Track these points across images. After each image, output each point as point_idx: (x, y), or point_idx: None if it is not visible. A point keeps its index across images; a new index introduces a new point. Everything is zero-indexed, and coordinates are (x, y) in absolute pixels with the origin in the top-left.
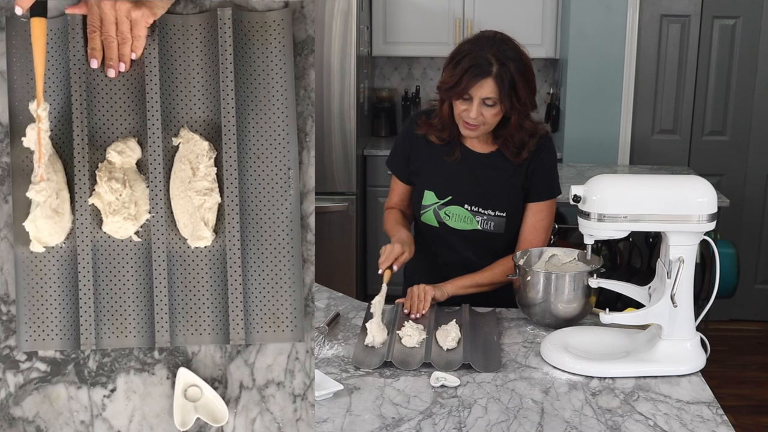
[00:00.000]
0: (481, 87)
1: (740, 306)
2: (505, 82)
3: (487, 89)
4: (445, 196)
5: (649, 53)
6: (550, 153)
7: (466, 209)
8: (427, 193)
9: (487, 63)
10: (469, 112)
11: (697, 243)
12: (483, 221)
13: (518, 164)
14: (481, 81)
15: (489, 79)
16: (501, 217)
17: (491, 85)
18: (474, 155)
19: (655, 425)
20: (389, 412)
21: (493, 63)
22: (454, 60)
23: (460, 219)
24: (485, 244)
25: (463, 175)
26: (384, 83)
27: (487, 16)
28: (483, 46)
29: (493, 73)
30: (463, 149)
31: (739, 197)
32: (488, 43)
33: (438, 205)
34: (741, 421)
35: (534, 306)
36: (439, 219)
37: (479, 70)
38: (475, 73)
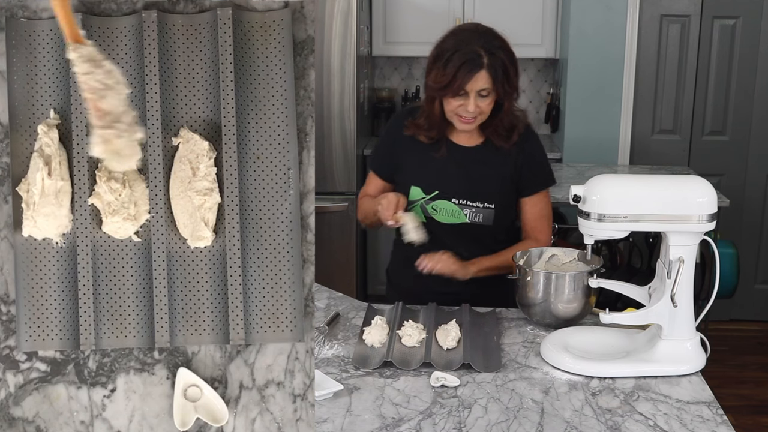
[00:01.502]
0: (475, 81)
1: (740, 306)
2: (498, 71)
3: (481, 81)
4: (432, 191)
5: (649, 53)
6: (535, 143)
7: (454, 203)
8: (413, 189)
9: (477, 56)
10: (465, 107)
11: (697, 243)
12: (471, 214)
13: (507, 152)
14: (475, 75)
15: (482, 72)
16: (489, 209)
17: (485, 77)
18: (460, 149)
19: (655, 425)
20: (389, 412)
21: (483, 55)
22: (442, 59)
23: (447, 213)
24: (474, 237)
25: (450, 169)
26: (384, 83)
27: (487, 16)
28: (469, 41)
29: (485, 64)
30: (449, 144)
31: (739, 197)
32: (473, 37)
33: (425, 200)
34: (741, 421)
35: (534, 306)
36: (426, 214)
37: (472, 65)
38: (469, 68)
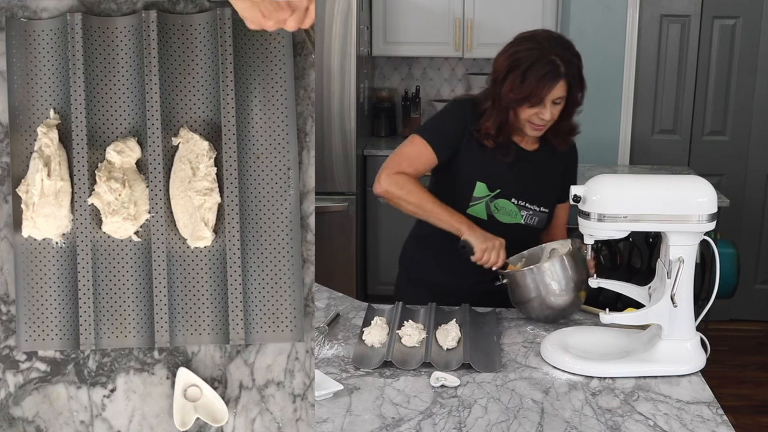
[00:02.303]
0: (554, 89)
1: (740, 306)
2: (576, 79)
3: (559, 90)
4: (494, 189)
5: (649, 53)
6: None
7: (513, 203)
8: (479, 185)
9: (556, 66)
10: (541, 115)
11: (697, 243)
12: (528, 216)
13: (559, 157)
14: (556, 85)
15: (561, 81)
16: (544, 213)
17: (563, 86)
18: (523, 152)
19: (655, 425)
20: (389, 412)
21: (560, 64)
22: (520, 68)
23: (506, 213)
24: (523, 239)
25: (513, 169)
26: (384, 83)
27: (487, 16)
28: (547, 49)
29: (563, 74)
30: (516, 148)
31: (739, 197)
32: (548, 44)
33: (489, 198)
34: (741, 421)
35: (528, 303)
36: (489, 212)
37: (553, 75)
38: (551, 78)
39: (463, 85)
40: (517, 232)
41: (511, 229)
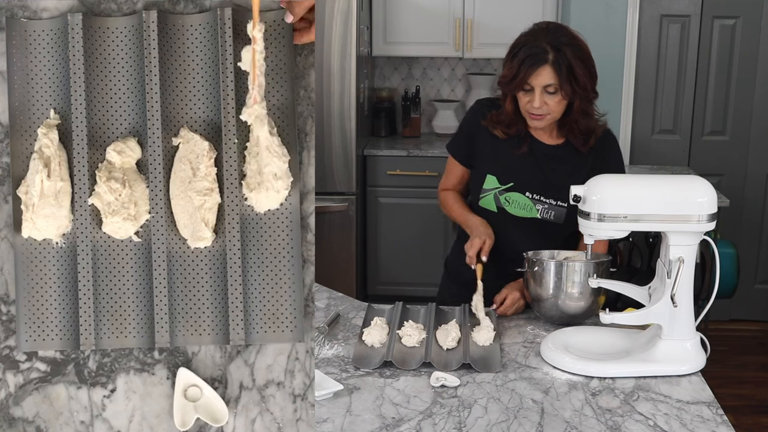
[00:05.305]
0: (539, 75)
1: (740, 306)
2: (563, 67)
3: (545, 77)
4: (507, 182)
5: (649, 53)
6: (613, 151)
7: (527, 197)
8: (489, 177)
9: (542, 51)
10: (532, 103)
11: (697, 243)
12: (543, 210)
13: (585, 155)
14: (538, 69)
15: (546, 66)
16: (562, 208)
17: (549, 72)
18: (541, 146)
19: (655, 425)
20: (389, 412)
21: (549, 50)
22: (511, 53)
23: (519, 206)
24: (542, 234)
25: (528, 163)
26: (384, 83)
27: (487, 16)
28: (538, 36)
29: (549, 60)
30: (531, 140)
31: (739, 197)
32: (543, 33)
33: (499, 190)
34: (741, 421)
35: (545, 301)
36: (498, 204)
37: (536, 59)
38: (532, 62)
39: (463, 85)
40: (533, 226)
41: (527, 223)
